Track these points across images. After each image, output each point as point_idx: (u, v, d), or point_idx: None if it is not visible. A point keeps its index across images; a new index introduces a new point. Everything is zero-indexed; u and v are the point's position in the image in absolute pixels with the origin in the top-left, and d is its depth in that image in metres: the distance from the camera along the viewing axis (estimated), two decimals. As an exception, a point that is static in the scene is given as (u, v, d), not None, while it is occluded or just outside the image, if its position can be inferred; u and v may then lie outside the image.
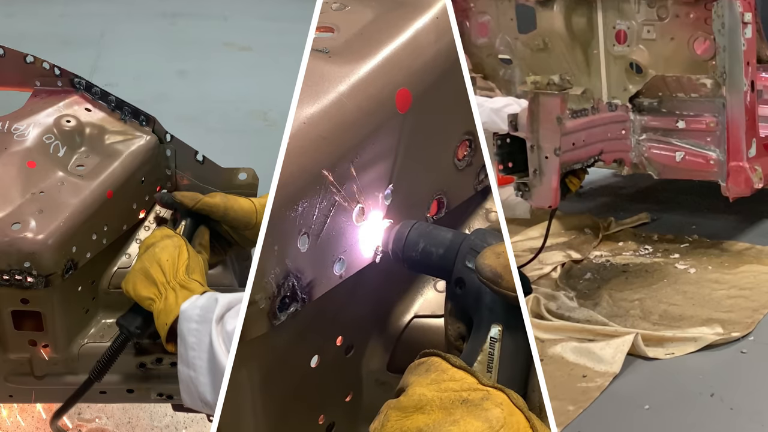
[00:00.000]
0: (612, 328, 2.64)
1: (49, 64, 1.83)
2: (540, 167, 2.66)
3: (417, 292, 1.21)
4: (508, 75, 3.86)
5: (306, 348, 1.06)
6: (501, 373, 0.85)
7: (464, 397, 0.78)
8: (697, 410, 2.26)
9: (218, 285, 1.69)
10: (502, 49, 3.79)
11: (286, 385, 1.05)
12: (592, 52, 3.53)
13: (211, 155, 1.81)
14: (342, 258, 1.01)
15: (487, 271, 0.86)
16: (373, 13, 1.09)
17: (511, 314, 0.87)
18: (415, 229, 0.98)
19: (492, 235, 0.93)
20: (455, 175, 1.18)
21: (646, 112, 3.02)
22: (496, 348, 0.86)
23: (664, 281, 3.04)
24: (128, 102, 1.80)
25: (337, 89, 0.96)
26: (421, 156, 1.10)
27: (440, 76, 1.08)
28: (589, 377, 2.42)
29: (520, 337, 0.87)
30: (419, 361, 0.84)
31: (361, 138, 0.99)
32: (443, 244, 0.95)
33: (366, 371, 1.16)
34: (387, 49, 1.03)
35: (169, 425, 2.39)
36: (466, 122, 1.16)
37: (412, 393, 0.80)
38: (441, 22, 1.08)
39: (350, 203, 0.99)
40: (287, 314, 0.96)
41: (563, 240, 3.47)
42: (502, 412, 0.76)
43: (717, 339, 2.55)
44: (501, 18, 3.71)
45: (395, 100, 1.02)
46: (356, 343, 1.13)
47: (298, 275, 0.96)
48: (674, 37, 3.20)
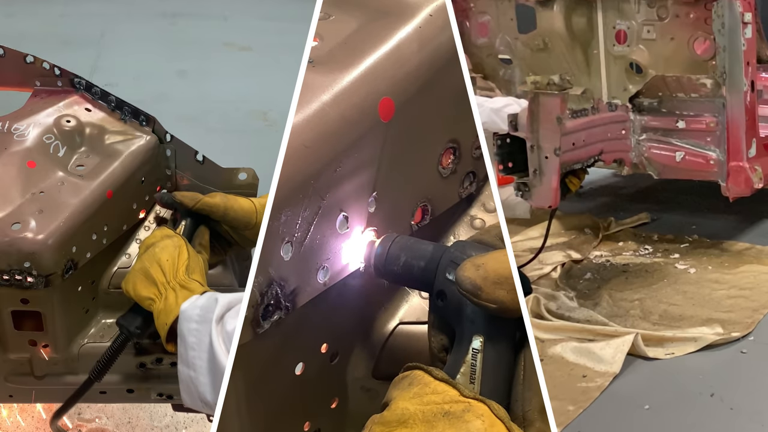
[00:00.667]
0: (612, 328, 2.64)
1: (49, 64, 1.83)
2: (540, 167, 2.66)
3: (402, 299, 1.22)
4: (508, 75, 3.86)
5: (290, 355, 1.06)
6: (484, 384, 0.86)
7: (446, 409, 0.79)
8: (697, 410, 2.26)
9: (218, 285, 1.69)
10: (502, 49, 3.79)
11: (271, 392, 1.06)
12: (592, 52, 3.53)
13: (211, 155, 1.81)
14: (326, 266, 1.02)
15: (467, 283, 0.86)
16: (357, 22, 1.10)
17: (493, 325, 0.88)
18: (396, 243, 0.99)
19: (472, 246, 0.93)
20: (439, 183, 1.19)
21: (646, 112, 3.02)
22: (478, 359, 0.86)
23: (664, 281, 3.04)
24: (128, 102, 1.80)
25: (321, 98, 0.97)
26: (405, 164, 1.11)
27: (424, 85, 1.09)
28: (589, 377, 2.42)
29: (502, 347, 0.87)
30: (402, 374, 0.85)
31: (345, 147, 0.99)
32: (424, 257, 0.96)
33: (351, 378, 1.17)
34: (370, 59, 1.04)
35: (169, 425, 2.39)
36: (450, 130, 1.17)
37: (395, 407, 0.81)
38: (424, 31, 1.09)
39: (334, 211, 1.00)
40: (271, 322, 0.97)
41: (563, 240, 3.47)
42: (483, 423, 0.77)
43: (717, 339, 2.55)
44: (501, 18, 3.71)
45: (378, 109, 1.03)
46: (341, 350, 1.14)
47: (281, 283, 0.97)
48: (674, 37, 3.20)
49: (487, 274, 0.86)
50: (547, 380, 0.84)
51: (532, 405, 0.84)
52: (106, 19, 6.76)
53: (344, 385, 1.16)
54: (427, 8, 1.11)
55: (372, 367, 1.17)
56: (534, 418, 0.83)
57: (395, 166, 1.09)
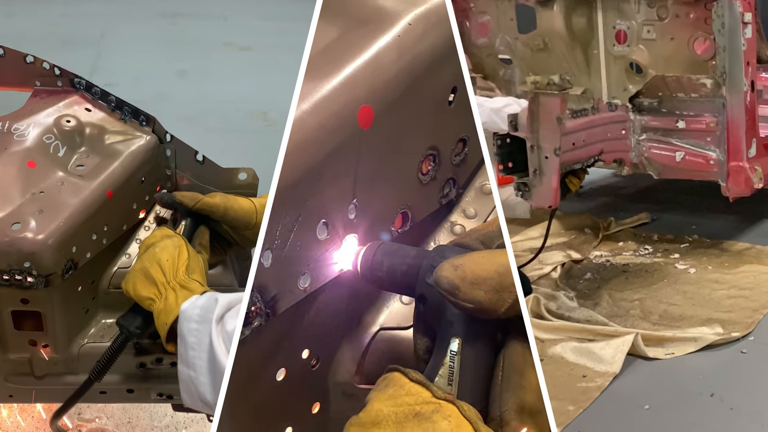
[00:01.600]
0: (612, 328, 2.64)
1: (49, 64, 1.83)
2: (540, 167, 2.66)
3: (383, 305, 1.23)
4: (508, 75, 3.86)
5: (272, 361, 1.07)
6: (461, 386, 0.87)
7: (417, 410, 0.80)
8: (697, 410, 2.26)
9: (218, 285, 1.69)
10: (502, 49, 3.79)
11: (253, 398, 1.07)
12: (592, 52, 3.53)
13: (211, 155, 1.81)
14: (306, 272, 1.02)
15: (445, 282, 0.87)
16: (337, 31, 1.10)
17: (471, 327, 0.88)
18: (381, 249, 1.01)
19: (452, 250, 0.94)
20: (419, 189, 1.20)
21: (646, 112, 3.02)
22: (456, 361, 0.87)
23: (664, 281, 3.04)
24: (128, 102, 1.80)
25: (300, 107, 0.97)
26: (384, 171, 1.12)
27: (403, 93, 1.10)
28: (589, 377, 2.42)
29: (480, 349, 0.88)
30: (382, 377, 0.87)
31: (324, 154, 1.00)
32: (406, 262, 0.98)
33: (333, 383, 1.17)
34: (350, 67, 1.04)
35: (169, 425, 2.39)
36: (430, 137, 1.18)
37: (370, 409, 0.83)
38: (403, 40, 1.11)
39: (314, 218, 1.01)
40: (251, 329, 0.98)
41: (563, 240, 3.47)
42: (449, 424, 0.78)
43: (717, 339, 2.55)
44: (501, 18, 3.72)
45: (358, 117, 1.04)
46: (322, 355, 1.14)
47: (261, 290, 0.98)
48: (674, 37, 3.20)
49: (465, 275, 0.86)
50: (547, 380, 0.84)
51: (509, 405, 0.84)
52: (106, 19, 6.76)
53: (326, 390, 1.17)
54: (407, 17, 1.13)
55: (354, 372, 1.18)
56: (510, 418, 0.83)
57: (375, 173, 1.10)
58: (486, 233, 0.98)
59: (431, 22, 1.14)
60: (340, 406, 1.18)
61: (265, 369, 1.07)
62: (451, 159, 1.23)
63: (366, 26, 1.11)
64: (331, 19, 1.11)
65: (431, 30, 1.14)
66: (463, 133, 1.23)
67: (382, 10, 1.13)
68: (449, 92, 1.18)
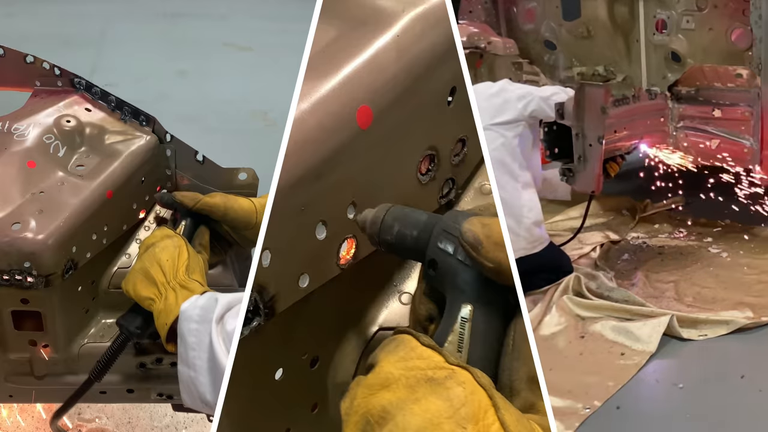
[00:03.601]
0: (649, 309, 2.73)
1: (49, 64, 1.83)
2: (584, 154, 2.78)
3: (382, 305, 1.22)
4: (552, 60, 3.96)
5: (270, 361, 1.07)
6: (471, 353, 0.85)
7: (429, 375, 0.78)
8: (727, 391, 2.33)
9: (218, 285, 1.69)
10: (548, 35, 3.89)
11: (251, 398, 1.06)
12: (633, 41, 3.60)
13: (211, 155, 1.81)
14: (305, 272, 1.02)
15: (470, 236, 0.86)
16: (336, 31, 1.10)
17: (483, 295, 0.87)
18: (390, 213, 0.99)
19: (466, 216, 0.92)
20: (418, 190, 1.19)
21: (684, 100, 3.10)
22: (466, 328, 0.86)
23: (698, 264, 3.15)
24: (128, 102, 1.80)
25: (299, 107, 0.97)
26: (383, 171, 1.12)
27: (402, 93, 1.10)
28: (627, 355, 2.52)
29: (491, 317, 0.87)
30: (391, 338, 0.85)
31: (323, 154, 1.00)
32: (417, 227, 0.95)
33: (331, 384, 1.17)
34: (348, 67, 1.04)
35: (169, 425, 2.39)
36: (429, 137, 1.18)
37: (379, 370, 0.80)
38: (402, 40, 1.11)
39: (313, 218, 1.01)
40: (250, 329, 0.98)
41: (602, 221, 3.61)
42: (464, 390, 0.76)
43: (748, 323, 2.62)
44: (547, 5, 3.83)
45: (356, 116, 1.04)
46: (321, 355, 1.14)
47: (261, 290, 0.97)
48: (712, 28, 3.26)
49: (491, 234, 0.85)
50: (588, 356, 0.83)
51: (519, 375, 0.83)
52: (106, 19, 6.75)
53: (324, 391, 1.17)
54: (405, 17, 1.12)
55: (353, 372, 1.18)
56: (521, 387, 0.82)
57: (374, 173, 1.09)
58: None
59: (430, 22, 1.14)
60: (338, 408, 1.18)
61: (264, 368, 1.06)
62: (450, 159, 1.23)
63: (365, 27, 1.11)
64: (328, 19, 1.12)
65: (430, 30, 1.14)
66: (462, 133, 1.23)
67: (381, 11, 1.13)
68: (448, 92, 1.18)
